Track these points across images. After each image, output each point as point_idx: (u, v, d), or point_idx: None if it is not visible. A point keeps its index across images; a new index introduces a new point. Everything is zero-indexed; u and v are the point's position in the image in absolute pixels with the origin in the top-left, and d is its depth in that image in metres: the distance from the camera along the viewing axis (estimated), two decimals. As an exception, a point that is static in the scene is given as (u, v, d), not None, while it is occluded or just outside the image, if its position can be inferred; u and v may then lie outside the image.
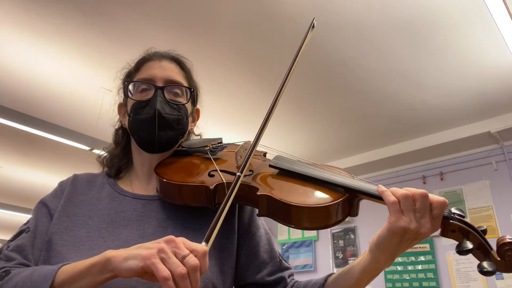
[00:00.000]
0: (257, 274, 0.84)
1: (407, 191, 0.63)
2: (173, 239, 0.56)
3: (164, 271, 0.51)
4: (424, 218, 0.62)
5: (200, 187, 0.76)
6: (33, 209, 0.83)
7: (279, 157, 0.84)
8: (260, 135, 0.77)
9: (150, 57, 0.93)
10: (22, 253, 0.71)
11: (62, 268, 0.62)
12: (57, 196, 0.84)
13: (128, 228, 0.76)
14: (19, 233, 0.76)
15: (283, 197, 0.70)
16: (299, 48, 0.91)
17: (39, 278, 0.61)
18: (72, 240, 0.74)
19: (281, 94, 0.83)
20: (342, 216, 0.70)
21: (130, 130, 0.88)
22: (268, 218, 0.74)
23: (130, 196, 0.84)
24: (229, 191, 0.67)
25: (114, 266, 0.56)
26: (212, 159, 0.87)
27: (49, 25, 2.34)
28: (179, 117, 0.87)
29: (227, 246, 0.82)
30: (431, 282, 3.49)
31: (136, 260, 0.54)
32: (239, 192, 0.73)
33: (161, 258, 0.53)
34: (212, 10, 2.23)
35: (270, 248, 0.88)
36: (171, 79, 0.88)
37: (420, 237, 0.63)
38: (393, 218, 0.62)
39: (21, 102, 3.15)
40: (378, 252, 0.67)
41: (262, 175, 0.79)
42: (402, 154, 3.81)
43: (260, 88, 2.98)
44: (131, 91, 0.89)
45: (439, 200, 0.63)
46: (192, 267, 0.52)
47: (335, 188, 0.72)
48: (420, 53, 2.55)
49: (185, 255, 0.53)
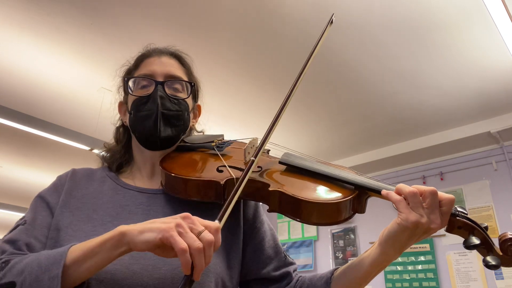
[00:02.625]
0: (263, 269, 0.84)
1: (414, 189, 0.65)
2: (189, 215, 0.58)
3: (183, 244, 0.53)
4: (433, 214, 0.64)
5: (210, 182, 0.76)
6: (30, 203, 0.80)
7: (289, 154, 0.84)
8: (270, 132, 0.77)
9: (149, 53, 0.92)
10: (15, 244, 0.70)
11: (72, 248, 0.61)
12: (57, 191, 0.82)
13: (134, 222, 0.76)
14: (15, 227, 0.75)
15: (295, 192, 0.70)
16: (316, 43, 0.91)
17: (48, 261, 0.60)
18: (78, 235, 0.72)
19: (295, 89, 0.83)
20: (350, 213, 0.72)
21: (131, 127, 0.87)
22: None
23: (134, 190, 0.83)
24: (244, 172, 0.68)
25: (129, 239, 0.57)
26: (219, 154, 0.87)
27: (49, 25, 2.35)
28: (180, 113, 0.86)
29: (234, 241, 0.82)
30: (431, 282, 3.49)
31: (154, 233, 0.55)
32: (250, 189, 0.73)
33: (178, 232, 0.55)
34: (212, 10, 2.23)
35: (275, 244, 0.89)
36: (171, 74, 0.87)
37: (430, 232, 0.65)
38: (403, 214, 0.64)
39: (21, 102, 3.15)
40: (388, 245, 0.68)
41: (272, 171, 0.80)
42: (402, 154, 3.81)
43: (260, 89, 2.98)
44: (131, 87, 0.87)
45: (448, 197, 0.65)
46: (208, 242, 0.54)
47: (344, 185, 0.73)
48: (420, 53, 2.55)
49: (201, 230, 0.55)
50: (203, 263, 0.54)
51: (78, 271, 0.59)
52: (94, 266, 0.59)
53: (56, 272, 0.57)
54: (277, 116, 0.79)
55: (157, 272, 0.68)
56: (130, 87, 0.87)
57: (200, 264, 0.54)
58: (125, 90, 0.91)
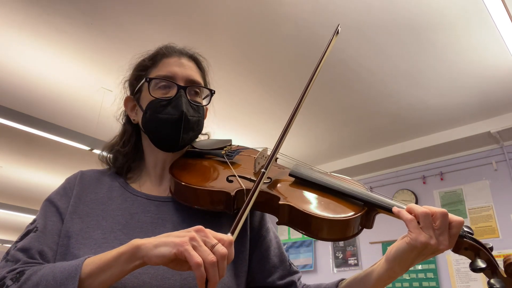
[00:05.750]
0: (268, 278, 0.84)
1: (426, 209, 0.65)
2: (202, 228, 0.58)
3: (197, 258, 0.53)
4: (442, 236, 0.64)
5: (220, 192, 0.75)
6: (40, 208, 0.80)
7: (299, 166, 0.83)
8: (280, 142, 0.76)
9: (168, 53, 0.89)
10: (28, 253, 0.69)
11: (86, 261, 0.61)
12: (66, 195, 0.81)
13: (144, 231, 0.76)
14: (26, 233, 0.74)
15: (305, 208, 0.70)
16: (323, 54, 0.89)
17: (63, 274, 0.60)
18: (88, 243, 0.73)
19: (303, 99, 0.83)
20: (359, 229, 0.72)
21: (146, 127, 0.85)
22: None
23: (143, 197, 0.83)
24: (254, 185, 0.68)
25: (144, 253, 0.57)
26: (229, 164, 0.86)
27: (49, 25, 2.35)
28: (200, 119, 0.86)
29: (240, 250, 0.82)
30: (431, 282, 3.49)
31: (169, 247, 0.56)
32: (260, 201, 0.73)
33: (192, 246, 0.55)
34: (213, 11, 2.23)
35: (280, 252, 0.89)
36: (192, 79, 0.86)
37: (437, 252, 0.65)
38: (413, 234, 0.64)
39: (21, 102, 3.16)
40: (395, 263, 0.68)
41: (282, 183, 0.79)
42: (402, 154, 3.81)
43: (261, 89, 2.98)
44: (148, 86, 0.85)
45: (458, 220, 0.65)
46: (221, 255, 0.54)
47: (354, 201, 0.73)
48: (420, 53, 2.55)
49: (214, 244, 0.56)
50: (217, 276, 0.54)
51: (92, 284, 0.59)
52: (109, 279, 0.59)
53: (72, 287, 0.58)
54: (286, 126, 0.78)
55: (166, 282, 0.68)
56: (147, 86, 0.85)
57: (214, 277, 0.54)
58: (140, 86, 0.88)
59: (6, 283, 0.62)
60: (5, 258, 0.69)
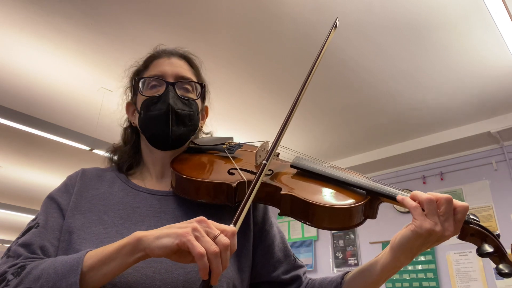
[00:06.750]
0: (273, 273, 0.84)
1: (431, 196, 0.64)
2: (204, 219, 0.58)
3: (200, 248, 0.53)
4: (447, 222, 0.63)
5: (222, 184, 0.75)
6: (41, 205, 0.80)
7: (300, 158, 0.83)
8: (281, 135, 0.77)
9: (159, 54, 0.92)
10: (30, 248, 0.69)
11: (88, 254, 0.61)
12: (67, 191, 0.82)
13: (145, 224, 0.76)
14: (28, 229, 0.74)
15: (307, 197, 0.70)
16: (321, 48, 0.90)
17: (65, 267, 0.60)
18: (90, 238, 0.72)
19: (302, 93, 0.83)
20: (362, 218, 0.71)
21: (141, 127, 0.87)
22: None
23: (144, 191, 0.83)
24: (256, 176, 0.67)
25: (146, 245, 0.57)
26: (230, 157, 0.86)
27: (49, 25, 2.35)
28: (191, 113, 0.87)
29: (244, 244, 0.82)
30: (431, 282, 3.49)
31: (171, 238, 0.55)
32: (262, 192, 0.73)
33: (195, 237, 0.55)
34: (213, 11, 2.23)
35: (284, 247, 0.89)
36: (181, 75, 0.88)
37: (442, 239, 0.64)
38: (418, 221, 0.63)
39: (21, 102, 3.16)
40: (400, 251, 0.67)
41: (283, 175, 0.79)
42: (402, 154, 3.81)
43: (260, 88, 2.98)
44: (141, 88, 0.87)
45: (463, 205, 0.64)
46: (224, 246, 0.54)
47: (356, 191, 0.72)
48: (420, 53, 2.55)
49: (217, 234, 0.55)
50: (220, 267, 0.54)
51: (94, 277, 0.59)
52: (111, 272, 0.59)
53: (73, 280, 0.58)
54: (286, 119, 0.79)
55: (169, 276, 0.68)
56: (140, 88, 0.87)
57: (217, 268, 0.53)
58: (134, 90, 0.91)
59: (7, 278, 0.62)
60: (6, 253, 0.69)
